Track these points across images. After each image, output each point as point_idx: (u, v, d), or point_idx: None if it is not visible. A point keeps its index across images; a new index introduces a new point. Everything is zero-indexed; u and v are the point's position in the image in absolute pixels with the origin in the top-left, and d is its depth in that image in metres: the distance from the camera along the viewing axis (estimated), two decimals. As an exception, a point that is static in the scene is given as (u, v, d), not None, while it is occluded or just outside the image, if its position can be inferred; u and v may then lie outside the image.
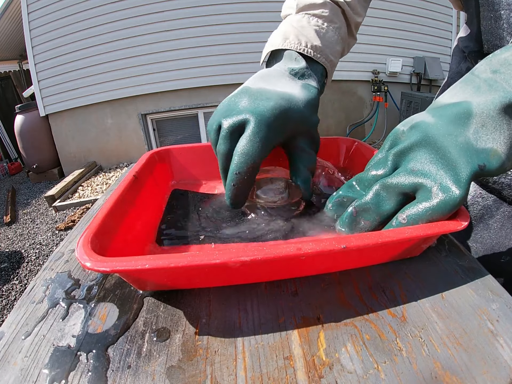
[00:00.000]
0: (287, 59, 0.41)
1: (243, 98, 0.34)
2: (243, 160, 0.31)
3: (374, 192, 0.29)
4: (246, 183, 0.32)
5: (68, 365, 0.22)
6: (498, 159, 0.26)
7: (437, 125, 0.28)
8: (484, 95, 0.27)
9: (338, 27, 0.44)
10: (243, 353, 0.23)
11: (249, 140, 0.31)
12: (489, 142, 0.26)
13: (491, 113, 0.26)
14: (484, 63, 0.29)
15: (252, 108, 0.32)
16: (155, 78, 3.40)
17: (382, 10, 3.44)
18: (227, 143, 0.32)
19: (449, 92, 0.30)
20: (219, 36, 3.31)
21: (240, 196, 0.33)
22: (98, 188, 3.24)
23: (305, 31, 0.41)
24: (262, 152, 0.32)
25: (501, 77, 0.26)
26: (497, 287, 0.28)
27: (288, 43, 0.40)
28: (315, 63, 0.42)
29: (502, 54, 0.28)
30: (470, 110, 0.27)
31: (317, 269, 0.29)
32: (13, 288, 1.94)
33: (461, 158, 0.26)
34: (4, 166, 4.44)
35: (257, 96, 0.34)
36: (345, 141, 0.50)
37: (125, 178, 0.35)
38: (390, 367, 0.21)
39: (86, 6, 3.22)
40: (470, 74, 0.29)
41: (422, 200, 0.27)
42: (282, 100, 0.34)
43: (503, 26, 0.37)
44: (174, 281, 0.27)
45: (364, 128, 3.94)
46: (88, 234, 0.25)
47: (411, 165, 0.28)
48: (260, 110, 0.32)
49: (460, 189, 0.25)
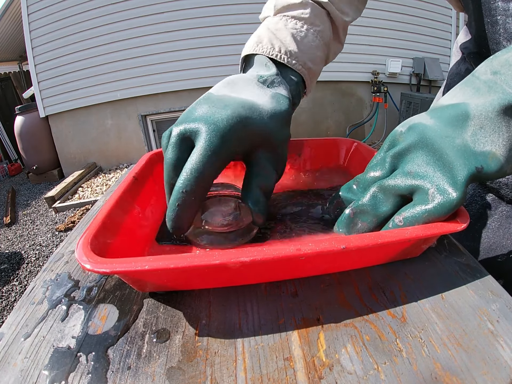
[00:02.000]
0: (258, 65, 0.38)
1: (202, 106, 0.30)
2: (191, 177, 0.27)
3: (371, 194, 0.29)
4: (193, 204, 0.28)
5: (68, 366, 0.22)
6: (497, 162, 0.26)
7: (435, 127, 0.28)
8: (483, 97, 0.26)
9: (320, 30, 0.41)
10: (243, 354, 0.23)
11: (200, 154, 0.27)
12: (488, 144, 0.26)
13: (490, 114, 0.25)
14: (485, 64, 0.28)
15: (206, 117, 0.28)
16: (155, 79, 3.40)
17: (381, 11, 3.45)
18: (174, 152, 0.28)
19: (449, 93, 0.30)
20: (219, 37, 3.31)
21: (184, 218, 0.28)
22: (98, 189, 3.24)
23: (281, 34, 0.38)
24: (215, 168, 0.28)
25: (501, 78, 0.26)
26: (497, 287, 0.28)
27: (261, 47, 0.38)
28: (290, 70, 0.39)
29: (503, 55, 0.27)
30: (468, 111, 0.26)
31: (317, 269, 0.29)
32: (13, 289, 1.94)
33: (458, 160, 0.26)
34: (4, 167, 4.44)
35: (215, 103, 0.30)
36: (344, 142, 0.50)
37: (125, 179, 0.35)
38: (390, 368, 0.21)
39: (85, 8, 3.23)
40: (471, 76, 0.29)
41: (418, 203, 0.27)
42: (242, 108, 0.30)
43: (499, 31, 0.37)
44: (174, 282, 0.27)
45: (364, 129, 3.95)
46: (88, 235, 0.25)
47: (408, 167, 0.28)
48: (214, 119, 0.28)
49: (456, 192, 0.25)
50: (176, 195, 0.27)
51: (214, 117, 0.28)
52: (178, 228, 0.29)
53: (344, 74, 3.63)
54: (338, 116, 3.87)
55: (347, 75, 3.66)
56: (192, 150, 0.28)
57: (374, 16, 3.44)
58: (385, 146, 0.31)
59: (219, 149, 0.28)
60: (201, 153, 0.27)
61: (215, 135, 0.27)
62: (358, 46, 3.53)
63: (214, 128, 0.28)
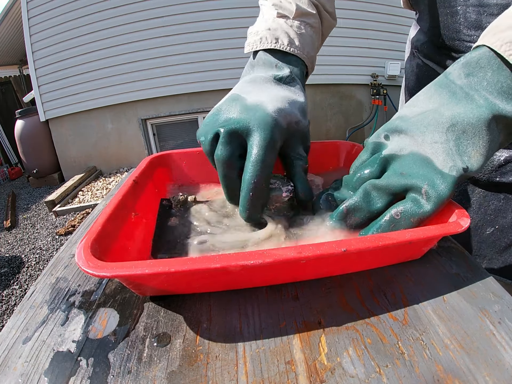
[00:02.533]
0: (268, 65, 0.41)
1: (237, 106, 0.34)
2: (258, 168, 0.30)
3: (365, 192, 0.31)
4: (264, 191, 0.32)
5: (68, 370, 0.22)
6: (479, 162, 0.28)
7: (422, 132, 0.30)
8: (462, 104, 0.29)
9: (319, 38, 0.46)
10: (244, 358, 0.23)
11: (260, 146, 0.31)
12: (469, 146, 0.28)
13: (471, 121, 0.28)
14: (457, 67, 0.30)
15: (251, 115, 0.32)
16: (155, 83, 3.41)
17: (380, 14, 3.46)
18: (227, 149, 0.32)
19: (424, 93, 0.32)
20: (218, 41, 3.33)
21: (258, 207, 0.32)
22: (98, 193, 3.23)
23: (305, 40, 0.42)
24: (272, 157, 0.32)
25: (475, 81, 0.29)
26: (498, 289, 0.28)
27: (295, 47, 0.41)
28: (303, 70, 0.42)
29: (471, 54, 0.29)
30: (450, 118, 0.29)
31: (318, 273, 0.29)
32: (13, 293, 1.93)
33: (446, 163, 0.28)
34: (4, 171, 4.44)
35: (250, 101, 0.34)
36: (344, 144, 0.51)
37: (125, 183, 0.35)
38: (392, 371, 0.21)
39: (85, 12, 3.24)
40: (445, 78, 0.31)
41: (413, 199, 0.29)
42: (277, 102, 0.34)
43: (459, 20, 0.42)
44: (174, 286, 0.27)
45: (364, 132, 3.95)
46: (88, 239, 0.25)
47: (400, 168, 0.30)
48: (259, 116, 0.32)
49: (447, 189, 0.27)
50: (248, 186, 0.31)
51: (258, 114, 0.32)
52: (253, 215, 0.32)
53: (344, 77, 3.64)
54: (338, 119, 3.87)
55: (347, 78, 3.66)
56: (242, 147, 0.32)
57: (372, 19, 3.45)
58: (369, 148, 0.34)
59: (272, 140, 0.31)
60: (261, 145, 0.31)
61: (265, 128, 0.31)
62: (357, 49, 3.54)
63: (262, 122, 0.31)
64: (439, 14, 0.45)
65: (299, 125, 0.36)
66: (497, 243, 0.48)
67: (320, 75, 3.43)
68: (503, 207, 0.46)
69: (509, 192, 0.45)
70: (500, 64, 0.27)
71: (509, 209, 0.46)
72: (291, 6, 0.42)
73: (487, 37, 0.28)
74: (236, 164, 0.33)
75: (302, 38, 0.42)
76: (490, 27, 0.29)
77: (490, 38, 0.28)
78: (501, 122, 0.28)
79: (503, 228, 0.47)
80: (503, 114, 0.27)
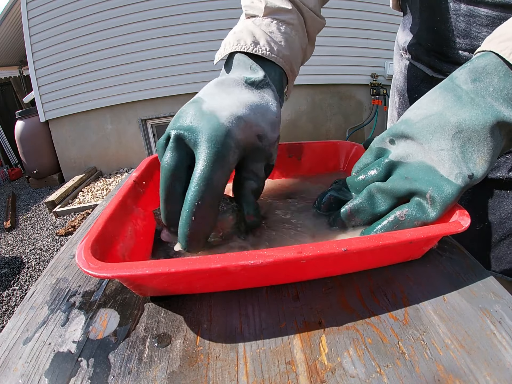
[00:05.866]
0: (242, 67, 0.36)
1: (192, 110, 0.29)
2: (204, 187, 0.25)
3: (369, 194, 0.31)
4: (210, 217, 0.27)
5: (69, 371, 0.22)
6: (484, 168, 0.28)
7: (428, 140, 0.29)
8: (467, 109, 0.28)
9: (301, 36, 0.41)
10: (245, 358, 0.23)
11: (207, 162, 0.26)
12: (475, 153, 0.28)
13: (476, 128, 0.28)
14: (464, 71, 0.30)
15: (203, 123, 0.27)
16: (155, 83, 3.41)
17: (380, 14, 3.47)
18: (175, 156, 0.27)
19: (429, 96, 0.32)
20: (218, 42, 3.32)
21: (200, 236, 0.27)
22: (98, 194, 3.24)
23: (276, 38, 0.37)
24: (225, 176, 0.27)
25: (481, 86, 0.28)
26: (499, 288, 0.28)
27: (259, 48, 0.36)
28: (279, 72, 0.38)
29: (478, 60, 0.29)
30: (456, 125, 0.28)
31: (318, 273, 0.29)
32: (13, 293, 1.93)
33: (452, 170, 0.28)
34: (4, 171, 4.45)
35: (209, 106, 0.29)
36: (344, 144, 0.51)
37: (125, 184, 0.35)
38: (392, 371, 0.21)
39: (85, 13, 3.25)
40: (450, 82, 0.31)
41: (417, 203, 0.29)
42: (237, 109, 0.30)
43: (449, 28, 0.43)
44: (174, 286, 0.27)
45: (364, 132, 3.95)
46: (88, 239, 0.25)
47: (405, 173, 0.30)
48: (212, 126, 0.27)
49: (452, 195, 0.28)
50: (189, 208, 0.25)
51: (211, 122, 0.27)
52: (196, 245, 0.27)
53: (343, 77, 3.64)
54: (337, 119, 3.87)
55: (346, 78, 3.66)
56: (190, 158, 0.27)
57: (373, 19, 3.46)
58: (373, 152, 0.34)
59: (222, 155, 0.27)
60: (208, 160, 0.26)
61: (215, 141, 0.26)
62: (356, 49, 3.54)
63: (212, 133, 0.27)
64: (429, 20, 0.45)
65: (262, 140, 0.32)
66: (486, 239, 0.49)
67: (320, 75, 3.44)
68: (491, 204, 0.47)
69: (497, 188, 0.46)
70: (507, 71, 0.27)
71: (497, 205, 0.46)
72: (260, 4, 0.38)
73: (493, 44, 0.28)
74: (183, 176, 0.28)
75: (272, 36, 0.37)
76: (496, 33, 0.29)
77: (498, 45, 0.28)
78: (504, 129, 0.28)
79: (492, 224, 0.48)
80: (508, 121, 0.27)
